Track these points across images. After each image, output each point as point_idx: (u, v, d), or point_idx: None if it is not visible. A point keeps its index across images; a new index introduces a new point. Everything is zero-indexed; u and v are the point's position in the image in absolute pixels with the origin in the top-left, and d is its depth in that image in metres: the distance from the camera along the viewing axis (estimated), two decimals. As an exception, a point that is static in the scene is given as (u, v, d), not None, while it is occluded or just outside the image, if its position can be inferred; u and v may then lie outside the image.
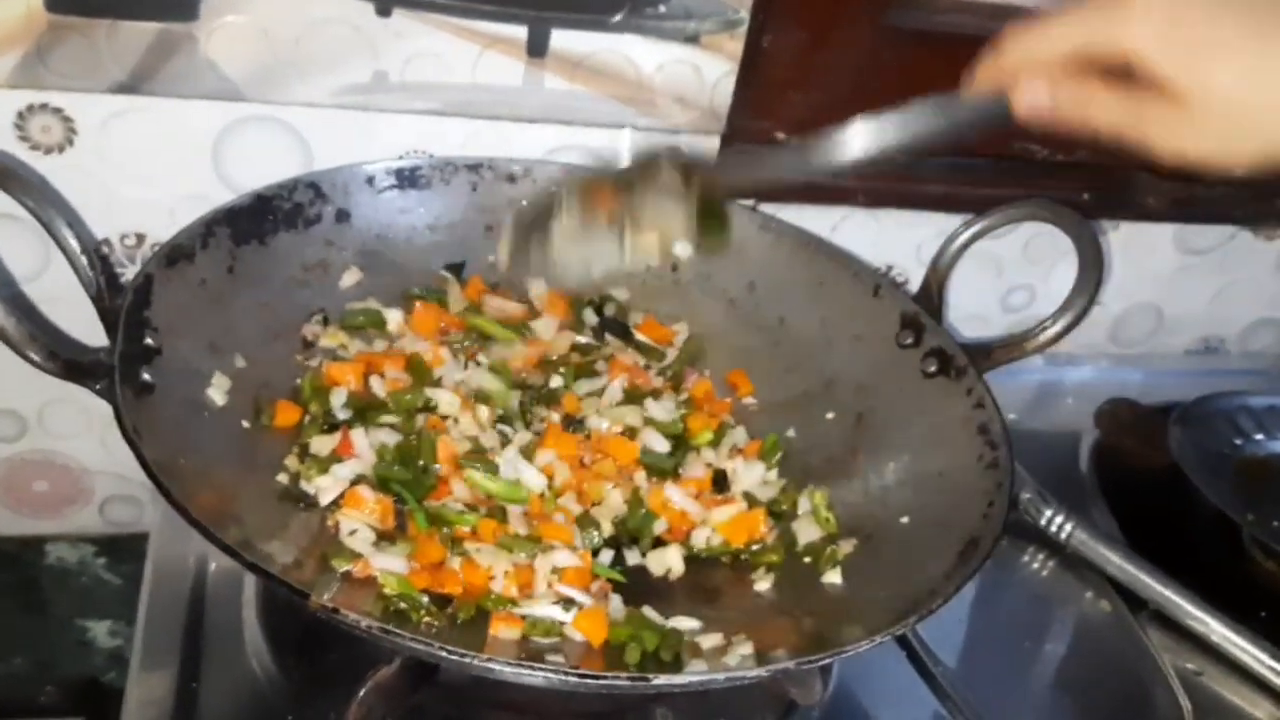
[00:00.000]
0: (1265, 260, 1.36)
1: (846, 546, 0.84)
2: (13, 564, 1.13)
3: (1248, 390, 1.19)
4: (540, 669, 0.59)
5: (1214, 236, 1.31)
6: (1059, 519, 1.00)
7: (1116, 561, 0.98)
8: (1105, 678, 0.94)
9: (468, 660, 0.59)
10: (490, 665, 0.59)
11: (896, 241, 1.21)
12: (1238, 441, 1.13)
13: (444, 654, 0.59)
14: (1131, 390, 1.27)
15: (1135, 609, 0.98)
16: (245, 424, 0.83)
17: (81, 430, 1.10)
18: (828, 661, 0.63)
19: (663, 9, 1.01)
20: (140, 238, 1.00)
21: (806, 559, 0.83)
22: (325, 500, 0.79)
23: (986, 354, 0.92)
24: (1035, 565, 1.03)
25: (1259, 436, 1.14)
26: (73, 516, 1.15)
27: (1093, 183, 1.22)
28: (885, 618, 0.68)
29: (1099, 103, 0.61)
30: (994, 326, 1.31)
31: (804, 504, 0.89)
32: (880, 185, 1.18)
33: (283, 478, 0.81)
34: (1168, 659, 0.94)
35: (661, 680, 0.59)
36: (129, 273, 1.01)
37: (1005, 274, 1.27)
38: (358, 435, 0.83)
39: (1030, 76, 0.63)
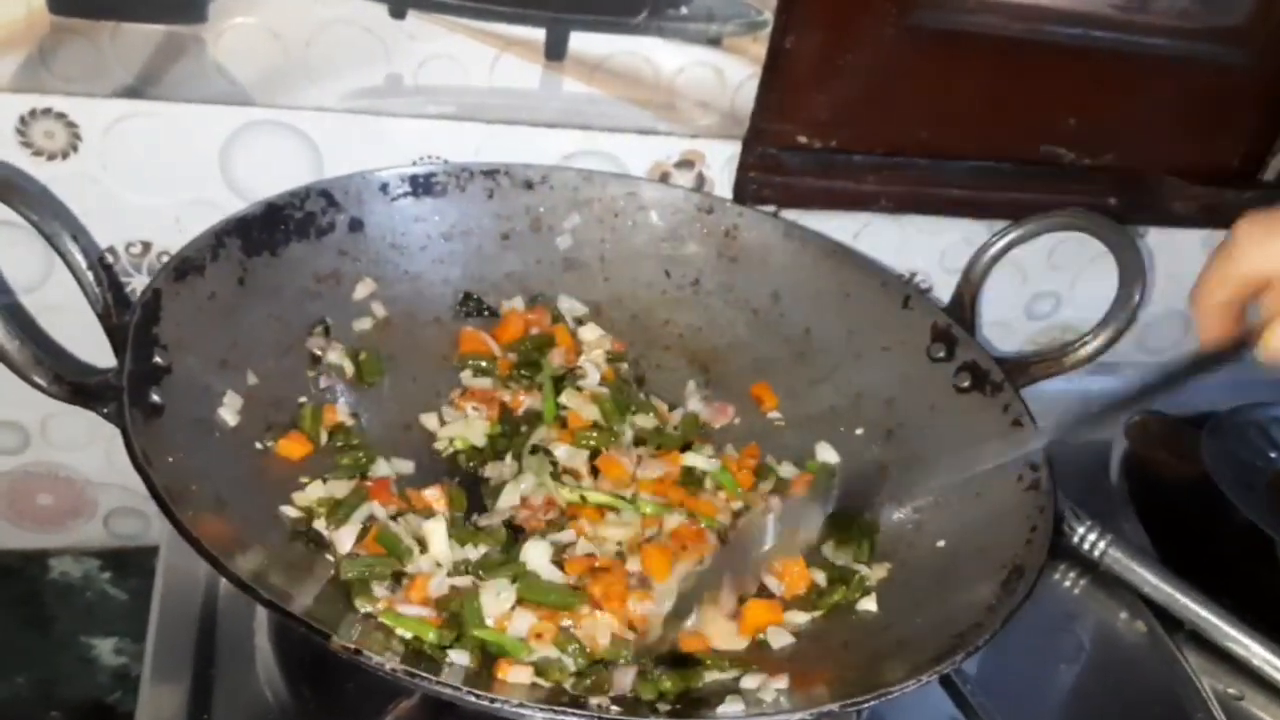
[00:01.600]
0: (1294, 265, 1.33)
1: (880, 571, 0.81)
2: (15, 578, 1.11)
3: (1278, 401, 1.16)
4: (577, 714, 0.56)
5: (1243, 242, 1.28)
6: (1092, 536, 0.98)
7: (1152, 581, 0.95)
8: (1142, 702, 0.91)
9: (498, 705, 0.56)
10: (521, 710, 0.56)
11: (920, 248, 1.18)
12: (1272, 454, 1.10)
13: (472, 699, 0.56)
14: (1158, 399, 1.24)
15: (1171, 629, 0.95)
16: (258, 445, 0.80)
17: (85, 442, 1.07)
18: (874, 703, 0.60)
19: (685, 10, 0.98)
20: (146, 246, 0.97)
21: (839, 585, 0.80)
22: (345, 549, 0.76)
23: (1024, 369, 0.89)
24: (1067, 583, 1.00)
25: (1293, 449, 1.11)
26: (77, 530, 1.12)
27: (1120, 188, 1.19)
28: (928, 651, 0.66)
29: None
30: (1018, 333, 1.28)
31: None
32: (903, 190, 1.15)
33: (291, 511, 0.78)
34: (1206, 682, 0.91)
35: (702, 724, 0.57)
36: (134, 281, 0.98)
37: (1030, 280, 1.24)
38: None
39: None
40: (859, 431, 0.93)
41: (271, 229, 0.88)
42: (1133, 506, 1.09)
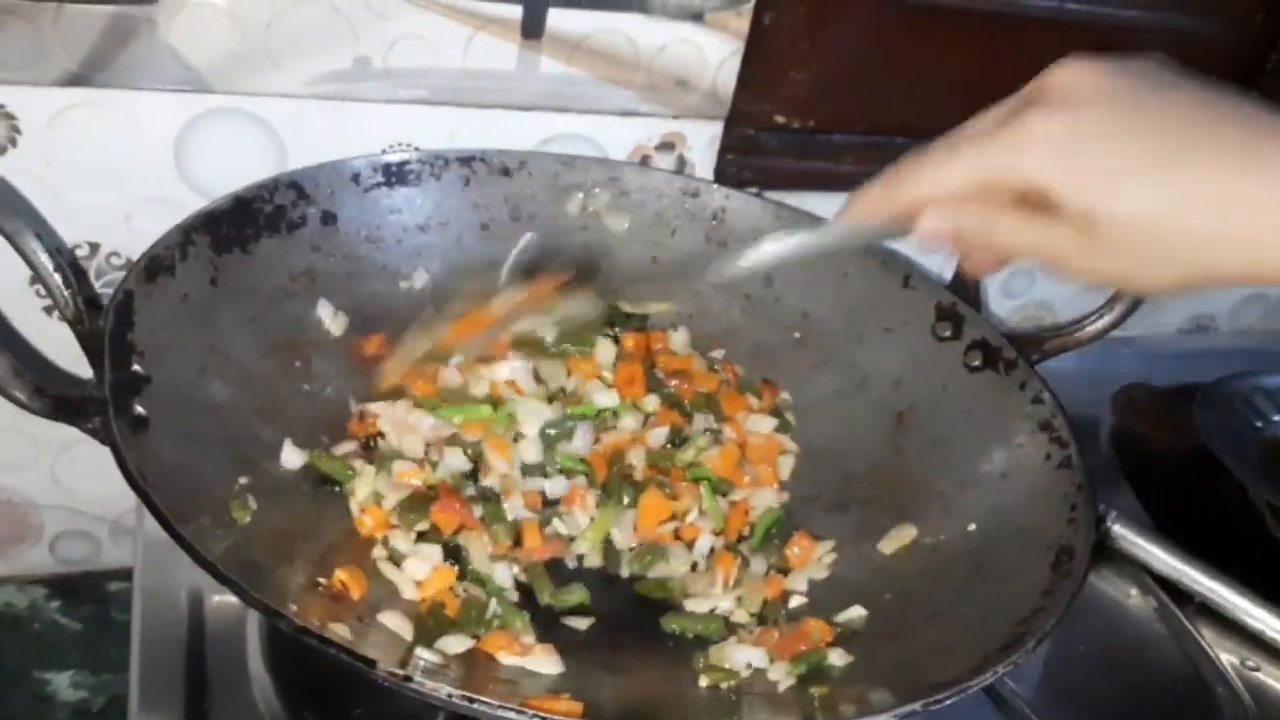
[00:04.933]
0: (1256, 235, 1.34)
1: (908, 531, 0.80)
2: (-46, 613, 1.02)
3: (1259, 370, 1.16)
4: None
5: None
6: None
7: (1162, 556, 0.94)
8: (1162, 679, 0.90)
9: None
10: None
11: (899, 228, 1.15)
12: (1258, 424, 1.10)
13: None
14: (1129, 373, 1.24)
15: (1180, 602, 0.94)
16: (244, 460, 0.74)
17: (28, 461, 0.99)
18: (952, 700, 0.57)
19: (667, -18, 0.94)
20: (94, 247, 0.90)
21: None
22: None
23: (1037, 344, 0.86)
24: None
25: (1277, 418, 1.12)
26: (20, 557, 1.04)
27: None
28: (991, 642, 0.63)
29: (1005, 228, 0.58)
30: (994, 312, 1.27)
31: None
32: (880, 170, 1.12)
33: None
34: (1223, 656, 0.90)
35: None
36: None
37: (1006, 258, 1.23)
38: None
39: (932, 208, 0.60)
40: (867, 415, 0.90)
41: (241, 224, 0.82)
42: (1127, 480, 1.08)
